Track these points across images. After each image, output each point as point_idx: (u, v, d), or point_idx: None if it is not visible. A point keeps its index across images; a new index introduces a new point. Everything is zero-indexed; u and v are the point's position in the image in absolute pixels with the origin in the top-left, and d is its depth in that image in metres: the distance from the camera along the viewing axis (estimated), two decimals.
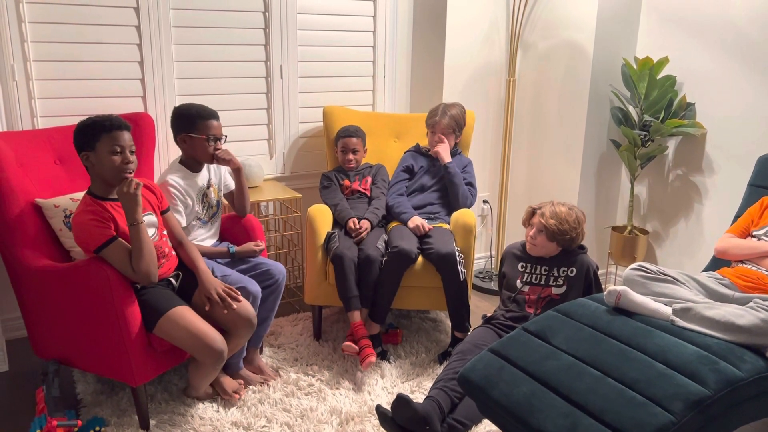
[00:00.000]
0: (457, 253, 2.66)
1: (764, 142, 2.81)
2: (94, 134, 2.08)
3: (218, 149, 2.50)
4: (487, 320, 2.51)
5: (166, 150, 3.00)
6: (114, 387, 2.48)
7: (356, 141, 3.02)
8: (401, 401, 2.09)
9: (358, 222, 2.80)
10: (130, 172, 2.10)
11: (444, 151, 2.97)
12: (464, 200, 2.94)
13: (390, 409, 2.14)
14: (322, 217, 2.79)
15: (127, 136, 2.11)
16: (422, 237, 2.78)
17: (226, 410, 2.36)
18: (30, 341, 2.40)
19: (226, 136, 2.56)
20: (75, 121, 2.64)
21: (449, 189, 2.96)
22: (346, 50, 3.39)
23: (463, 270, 2.66)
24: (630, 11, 3.26)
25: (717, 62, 2.99)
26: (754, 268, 2.24)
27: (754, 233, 2.30)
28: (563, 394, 1.80)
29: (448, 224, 2.88)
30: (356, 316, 2.65)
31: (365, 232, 2.76)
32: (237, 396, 2.40)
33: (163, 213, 2.33)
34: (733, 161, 2.98)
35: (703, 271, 2.43)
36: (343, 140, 3.03)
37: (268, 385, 2.52)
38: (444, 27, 3.34)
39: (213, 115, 2.50)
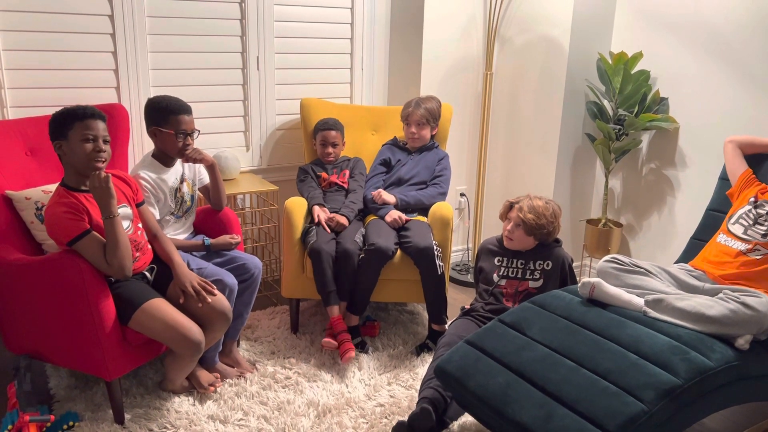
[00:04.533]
0: (435, 247, 2.67)
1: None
2: (67, 122, 2.06)
3: (188, 145, 2.46)
4: (466, 312, 2.52)
5: (141, 142, 2.96)
6: (88, 381, 2.45)
7: (335, 134, 3.01)
8: (425, 414, 2.06)
9: (329, 213, 2.79)
10: (102, 161, 2.07)
11: (385, 194, 2.90)
12: (433, 201, 2.93)
13: (409, 418, 2.10)
14: (299, 209, 2.78)
15: (101, 126, 2.08)
16: (400, 230, 2.78)
17: (203, 404, 2.34)
18: (1, 335, 2.35)
19: (198, 131, 2.52)
20: (47, 111, 2.60)
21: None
22: (324, 42, 3.37)
23: (441, 263, 2.68)
24: (605, 7, 3.29)
25: (690, 57, 3.03)
26: (723, 242, 2.28)
27: (729, 225, 2.34)
28: (538, 385, 1.83)
29: (426, 217, 2.89)
30: (335, 310, 2.65)
31: (342, 228, 2.75)
32: (212, 389, 2.39)
33: (138, 206, 2.30)
34: (705, 155, 3.03)
35: (675, 263, 2.48)
36: (322, 133, 3.02)
37: (244, 378, 2.51)
38: (422, 20, 3.34)
39: (184, 109, 2.44)
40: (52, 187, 2.36)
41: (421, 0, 3.31)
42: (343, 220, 2.77)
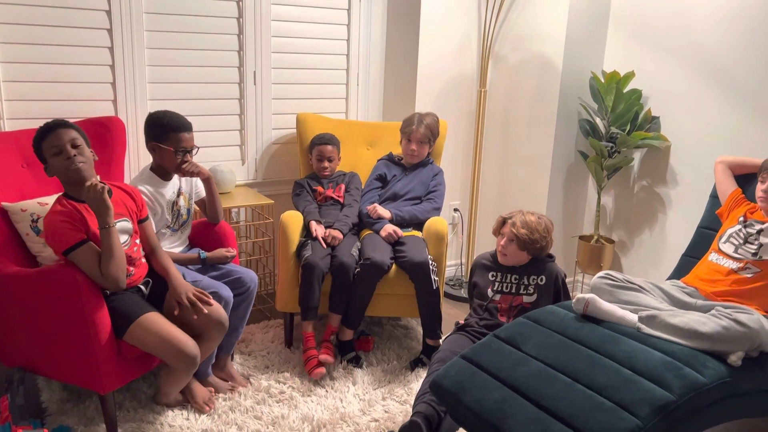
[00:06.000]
0: (430, 262, 2.68)
1: (726, 154, 2.90)
2: (38, 146, 2.11)
3: (186, 161, 2.47)
4: (461, 328, 2.53)
5: (137, 155, 2.97)
6: (80, 395, 2.44)
7: (332, 149, 3.03)
8: (415, 427, 2.07)
9: (325, 230, 2.80)
10: (79, 163, 2.07)
11: (380, 209, 2.93)
12: (428, 216, 2.96)
13: (399, 431, 2.10)
14: (294, 223, 2.79)
15: (63, 134, 2.08)
16: (395, 244, 2.80)
17: (197, 418, 2.33)
18: None
19: (197, 148, 2.53)
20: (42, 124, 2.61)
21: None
22: (320, 58, 3.40)
23: (435, 278, 2.69)
24: (598, 26, 3.34)
25: (681, 77, 3.08)
26: (714, 260, 2.31)
27: (720, 244, 2.37)
28: (534, 400, 1.83)
29: (421, 232, 2.91)
30: (310, 326, 2.71)
31: (337, 242, 2.77)
32: (207, 408, 2.37)
33: (141, 221, 2.31)
34: (696, 173, 3.08)
35: (667, 279, 2.50)
36: (318, 148, 3.04)
37: (238, 392, 2.50)
38: (417, 37, 3.38)
39: (184, 127, 2.46)
40: (48, 199, 2.36)
41: (417, 17, 3.36)
42: (338, 234, 2.79)
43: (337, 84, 3.51)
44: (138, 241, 2.29)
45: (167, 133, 2.42)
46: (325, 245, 2.73)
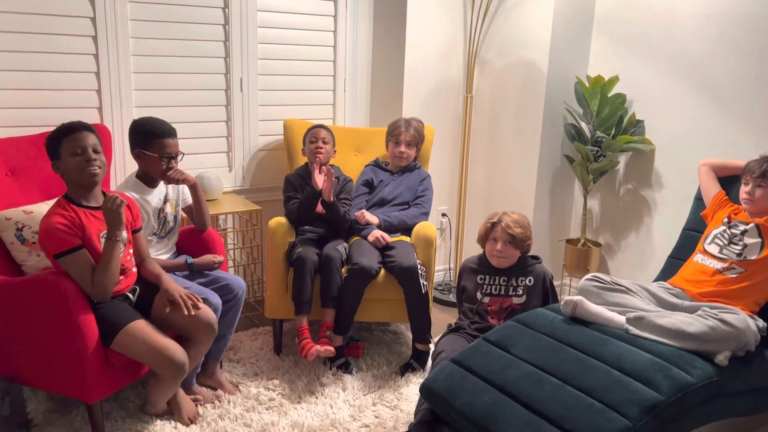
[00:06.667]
0: (419, 266, 2.69)
1: (709, 157, 2.93)
2: (58, 141, 2.10)
3: (171, 168, 2.46)
4: (453, 330, 2.53)
5: (123, 162, 2.95)
6: (67, 405, 2.41)
7: (326, 132, 3.00)
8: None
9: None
10: (97, 169, 2.09)
11: (368, 215, 2.92)
12: (416, 221, 2.96)
13: None
14: (282, 229, 2.78)
15: (87, 137, 2.10)
16: (384, 249, 2.80)
17: (185, 427, 2.31)
18: None
19: (183, 154, 2.52)
20: (27, 132, 2.60)
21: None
22: (307, 64, 3.41)
23: (424, 282, 2.69)
24: (582, 31, 3.38)
25: (665, 81, 3.12)
26: (700, 261, 2.34)
27: (705, 245, 2.39)
28: (524, 403, 1.84)
29: (409, 237, 2.91)
30: (303, 320, 2.70)
31: (329, 191, 2.78)
32: (192, 425, 2.34)
33: (135, 231, 2.30)
34: (681, 176, 3.11)
35: (654, 281, 2.52)
36: (312, 131, 2.98)
37: (227, 400, 2.48)
38: (403, 43, 3.39)
39: (168, 133, 2.45)
40: (34, 208, 2.34)
41: (403, 23, 3.37)
42: (330, 185, 2.78)
43: (324, 90, 3.51)
44: (131, 251, 2.28)
45: (151, 140, 2.41)
46: (320, 169, 2.75)
